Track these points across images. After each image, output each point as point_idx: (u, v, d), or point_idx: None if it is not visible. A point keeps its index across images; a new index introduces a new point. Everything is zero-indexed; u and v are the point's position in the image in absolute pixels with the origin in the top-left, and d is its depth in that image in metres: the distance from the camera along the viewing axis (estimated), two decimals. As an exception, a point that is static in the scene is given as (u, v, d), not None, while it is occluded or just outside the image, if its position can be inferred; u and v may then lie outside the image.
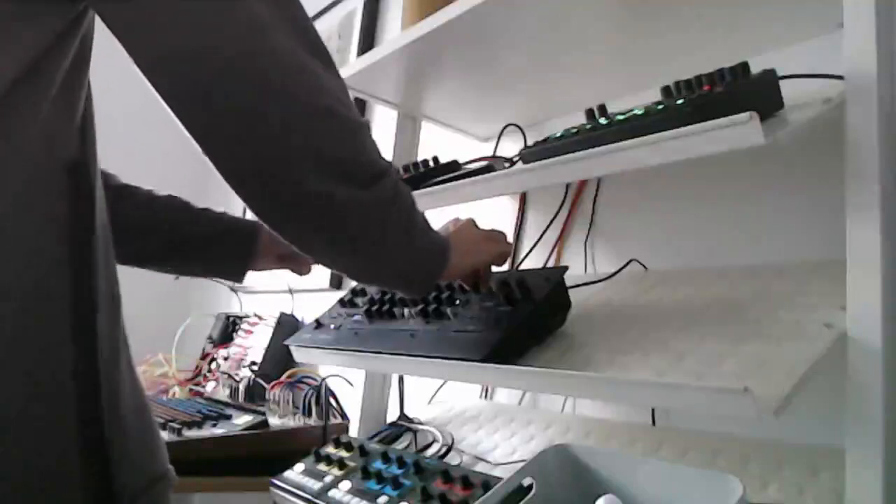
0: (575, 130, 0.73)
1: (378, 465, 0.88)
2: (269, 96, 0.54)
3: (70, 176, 0.57)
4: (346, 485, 0.87)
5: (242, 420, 1.17)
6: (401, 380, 1.21)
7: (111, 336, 0.60)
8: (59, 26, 0.54)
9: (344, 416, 1.30)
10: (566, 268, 0.79)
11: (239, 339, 1.75)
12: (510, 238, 1.19)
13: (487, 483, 0.74)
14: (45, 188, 0.55)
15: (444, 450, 0.98)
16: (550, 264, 1.12)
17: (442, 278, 0.72)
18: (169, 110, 0.55)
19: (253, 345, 1.67)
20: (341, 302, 1.00)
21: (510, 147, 1.17)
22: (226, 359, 1.71)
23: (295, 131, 0.56)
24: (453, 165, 1.00)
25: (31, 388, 0.54)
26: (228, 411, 1.24)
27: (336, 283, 1.66)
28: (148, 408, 0.66)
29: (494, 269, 0.82)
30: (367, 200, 0.60)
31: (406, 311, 0.85)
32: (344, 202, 0.59)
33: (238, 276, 0.95)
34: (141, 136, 1.91)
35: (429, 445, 1.02)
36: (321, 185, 0.57)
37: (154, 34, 0.52)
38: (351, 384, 1.33)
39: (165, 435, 1.11)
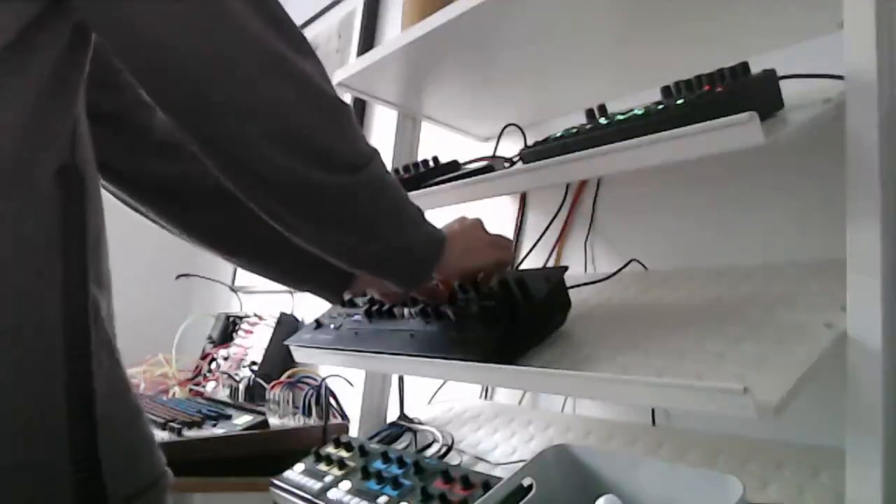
0: (575, 130, 0.73)
1: (378, 465, 0.88)
2: (243, 87, 0.55)
3: (60, 179, 0.56)
4: (346, 485, 0.87)
5: (242, 420, 1.17)
6: (401, 380, 1.21)
7: (104, 346, 0.59)
8: (25, 17, 0.52)
9: (344, 416, 1.30)
10: (566, 268, 0.79)
11: (239, 339, 1.75)
12: (511, 238, 1.19)
13: (487, 483, 0.74)
14: (30, 192, 0.54)
15: (444, 450, 0.98)
16: (550, 264, 1.12)
17: (438, 274, 0.71)
18: (155, 104, 0.56)
19: (253, 345, 1.67)
20: (341, 302, 1.00)
21: (510, 147, 1.17)
22: (226, 359, 1.71)
23: (273, 120, 0.57)
24: (453, 165, 1.00)
25: (21, 399, 0.53)
26: (228, 411, 1.24)
27: (336, 283, 1.66)
28: (141, 413, 0.65)
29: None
30: (351, 186, 0.61)
31: (406, 311, 0.85)
32: (326, 188, 0.60)
33: (335, 293, 0.89)
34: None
35: (429, 445, 1.02)
36: (305, 171, 0.58)
37: (128, 30, 0.53)
38: (351, 384, 1.33)
39: (165, 435, 1.11)
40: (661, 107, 0.64)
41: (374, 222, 0.65)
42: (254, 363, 1.60)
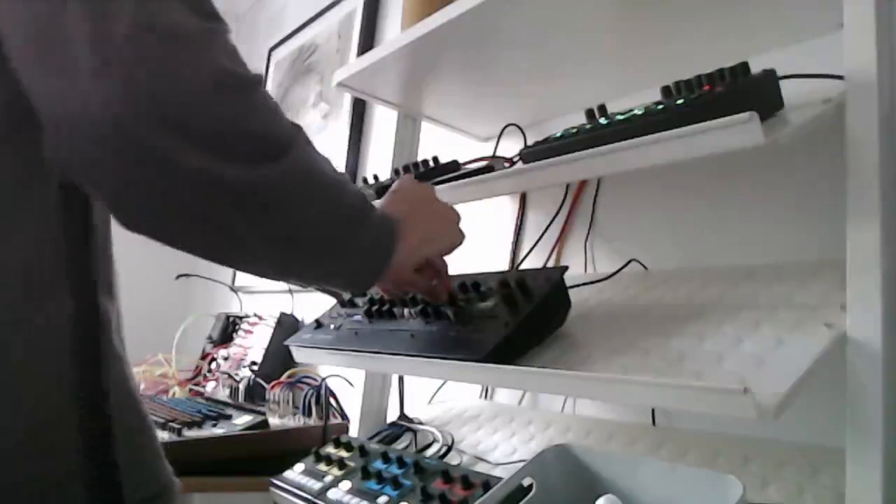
0: (575, 130, 0.73)
1: (378, 465, 0.88)
2: (133, 65, 0.44)
3: (62, 192, 0.55)
4: (346, 485, 0.87)
5: (242, 420, 1.17)
6: (401, 380, 1.21)
7: (113, 355, 0.59)
8: None
9: (344, 416, 1.31)
10: (566, 268, 0.79)
11: (239, 339, 1.75)
12: (510, 238, 1.19)
13: (487, 483, 0.74)
14: (35, 199, 0.54)
15: (444, 450, 0.98)
16: (550, 264, 1.12)
17: (389, 274, 0.63)
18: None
19: (253, 345, 1.67)
20: (341, 302, 1.00)
21: (510, 147, 1.17)
22: (226, 359, 1.71)
23: (167, 104, 0.45)
24: (453, 165, 1.00)
25: (31, 411, 0.53)
26: (228, 411, 1.25)
27: (336, 283, 1.66)
28: (149, 423, 0.64)
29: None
30: (266, 179, 0.49)
31: (406, 311, 0.85)
32: (236, 183, 0.47)
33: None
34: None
35: (429, 445, 1.02)
36: (204, 164, 0.46)
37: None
38: (351, 384, 1.33)
39: (165, 435, 1.11)
40: (661, 107, 0.64)
41: (303, 221, 0.53)
42: (254, 363, 1.60)
